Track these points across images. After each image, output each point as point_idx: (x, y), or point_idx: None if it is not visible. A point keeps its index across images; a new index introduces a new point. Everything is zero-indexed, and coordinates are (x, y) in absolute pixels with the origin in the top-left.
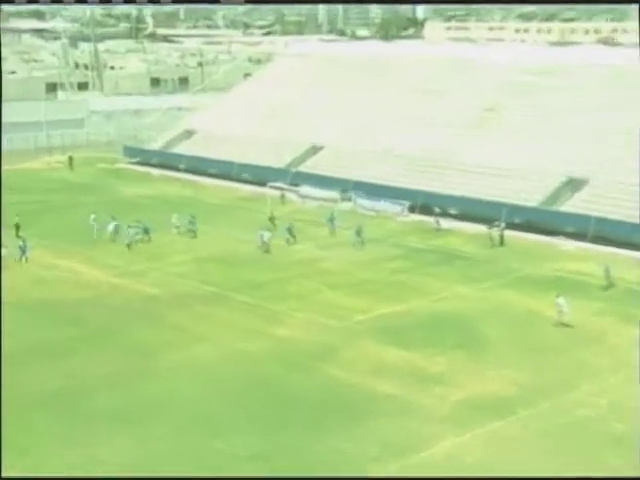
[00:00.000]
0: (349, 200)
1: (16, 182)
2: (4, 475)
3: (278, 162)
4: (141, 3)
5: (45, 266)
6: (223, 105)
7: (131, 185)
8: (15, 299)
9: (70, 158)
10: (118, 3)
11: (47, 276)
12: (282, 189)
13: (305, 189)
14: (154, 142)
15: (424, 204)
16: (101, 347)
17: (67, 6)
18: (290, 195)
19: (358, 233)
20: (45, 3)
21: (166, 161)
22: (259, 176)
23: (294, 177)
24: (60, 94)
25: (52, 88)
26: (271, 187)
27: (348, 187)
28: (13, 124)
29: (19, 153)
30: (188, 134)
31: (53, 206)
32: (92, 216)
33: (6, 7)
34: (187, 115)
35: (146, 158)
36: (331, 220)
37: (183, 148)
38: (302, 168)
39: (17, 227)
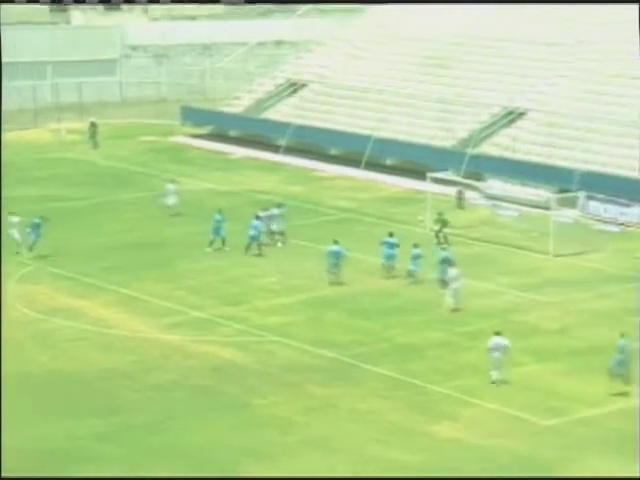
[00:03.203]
0: (573, 205)
1: (7, 164)
2: (4, 475)
3: (445, 138)
4: (141, 3)
5: (53, 311)
6: (352, 39)
7: (196, 173)
8: None
9: (92, 126)
10: (118, 3)
11: (55, 330)
12: (457, 184)
13: (493, 185)
14: (235, 101)
15: None
16: (147, 460)
17: None
18: (469, 195)
19: None
20: (45, 3)
21: (255, 133)
22: (413, 161)
23: (473, 164)
24: (75, 16)
25: (60, 7)
26: (433, 180)
27: (570, 183)
28: None
29: (9, 114)
30: (293, 88)
31: (70, 209)
32: None
33: None
34: (291, 55)
35: (221, 128)
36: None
37: (285, 112)
38: (487, 149)
39: None
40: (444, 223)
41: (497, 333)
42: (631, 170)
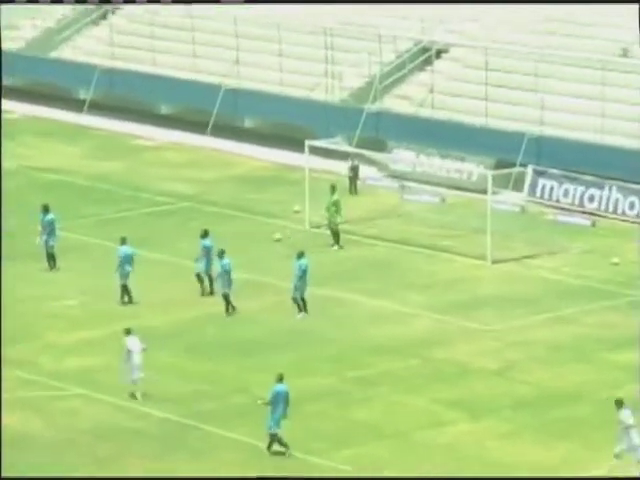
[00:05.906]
0: (518, 186)
1: None
2: (4, 475)
3: (332, 89)
4: (141, 3)
5: None
6: None
7: None
8: None
9: None
10: (118, 3)
11: None
12: (349, 157)
13: (402, 157)
14: (11, 32)
15: None
16: None
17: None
18: (365, 172)
19: None
20: (45, 3)
21: (44, 81)
22: (285, 123)
23: (372, 126)
24: None
25: None
26: (314, 151)
27: (515, 153)
28: None
29: None
30: (99, 12)
31: None
32: None
33: None
34: None
35: None
36: None
37: (88, 48)
38: (393, 103)
39: None
40: (337, 206)
41: (128, 332)
42: (603, 133)
